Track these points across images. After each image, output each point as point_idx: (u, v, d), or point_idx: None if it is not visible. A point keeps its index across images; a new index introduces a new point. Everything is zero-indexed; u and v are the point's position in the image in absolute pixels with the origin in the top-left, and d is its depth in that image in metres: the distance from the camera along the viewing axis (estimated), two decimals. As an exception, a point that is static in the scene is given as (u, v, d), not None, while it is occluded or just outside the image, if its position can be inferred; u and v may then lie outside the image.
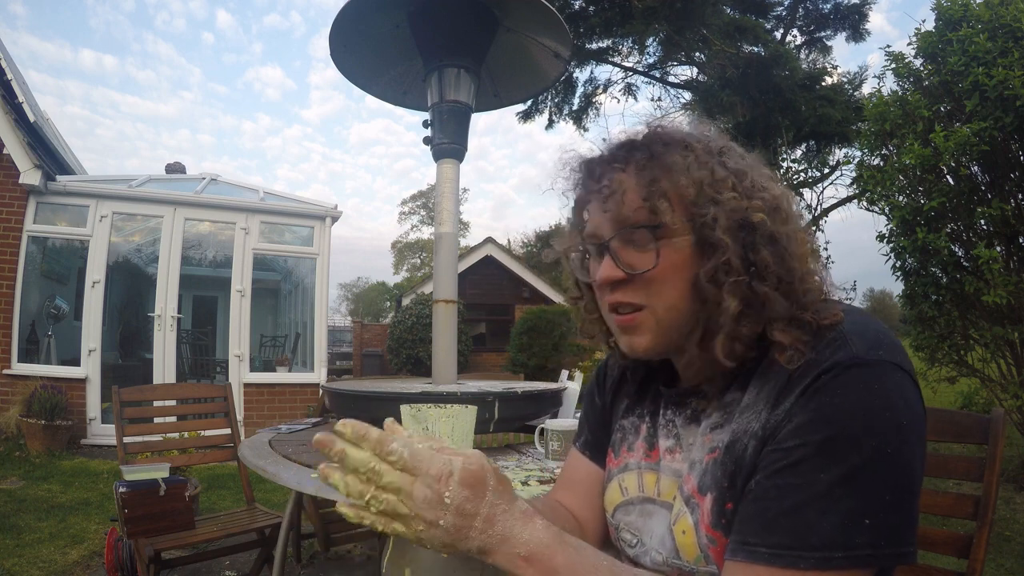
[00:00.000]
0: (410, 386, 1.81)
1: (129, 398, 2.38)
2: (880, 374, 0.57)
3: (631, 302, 0.66)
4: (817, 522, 0.54)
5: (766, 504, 0.57)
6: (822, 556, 0.53)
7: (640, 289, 0.66)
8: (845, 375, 0.57)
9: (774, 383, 0.61)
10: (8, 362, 5.33)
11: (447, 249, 1.99)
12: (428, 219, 35.04)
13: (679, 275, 0.65)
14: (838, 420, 0.55)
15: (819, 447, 0.55)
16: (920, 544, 1.11)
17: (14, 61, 6.39)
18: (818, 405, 0.56)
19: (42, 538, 2.94)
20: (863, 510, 0.53)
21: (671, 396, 0.76)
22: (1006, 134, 3.36)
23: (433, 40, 1.99)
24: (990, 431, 1.03)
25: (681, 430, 0.73)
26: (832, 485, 0.54)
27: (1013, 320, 3.45)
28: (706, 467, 0.65)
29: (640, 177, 0.65)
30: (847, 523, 0.53)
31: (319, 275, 6.53)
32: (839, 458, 0.54)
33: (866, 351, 0.58)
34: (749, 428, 0.62)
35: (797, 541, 0.54)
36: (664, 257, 0.64)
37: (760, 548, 0.55)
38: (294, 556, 2.65)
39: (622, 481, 0.79)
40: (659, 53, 9.13)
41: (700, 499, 0.65)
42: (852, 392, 0.56)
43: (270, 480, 1.35)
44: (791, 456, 0.56)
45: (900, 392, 0.57)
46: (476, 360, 12.28)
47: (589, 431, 0.89)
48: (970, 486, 2.95)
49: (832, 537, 0.53)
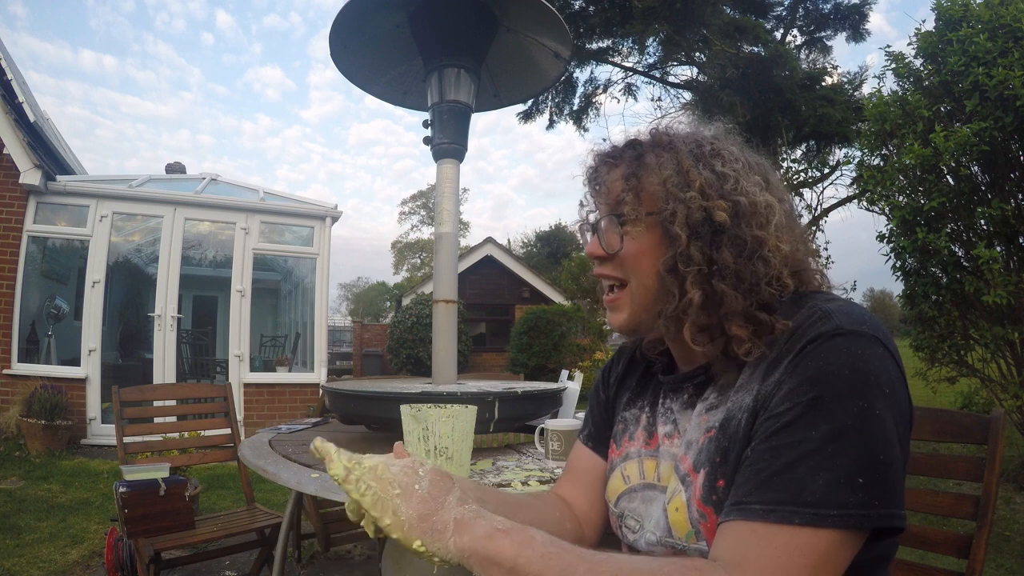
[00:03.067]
0: (410, 386, 1.81)
1: (129, 398, 2.38)
2: (864, 343, 0.59)
3: (612, 275, 0.76)
4: (811, 479, 0.54)
5: (760, 466, 0.58)
6: (816, 513, 0.53)
7: (619, 267, 0.75)
8: (829, 342, 0.59)
9: (764, 361, 0.64)
10: (8, 362, 5.33)
11: (447, 249, 1.99)
12: (428, 219, 35.05)
13: (646, 259, 0.72)
14: (824, 381, 0.57)
15: (808, 406, 0.57)
16: (920, 544, 1.11)
17: (14, 61, 6.39)
18: (804, 369, 0.59)
19: (42, 538, 2.94)
20: (856, 469, 0.54)
21: (668, 383, 0.79)
22: (1006, 134, 3.36)
23: (433, 40, 1.99)
24: (990, 431, 1.03)
25: (678, 415, 0.76)
26: (823, 442, 0.55)
27: (1013, 320, 3.45)
28: (702, 446, 0.68)
29: (624, 171, 0.75)
30: (841, 481, 0.54)
31: (319, 275, 6.53)
32: (829, 416, 0.56)
33: (850, 324, 0.60)
34: (743, 403, 0.64)
35: (791, 497, 0.54)
36: (628, 243, 0.73)
37: (754, 505, 0.56)
38: (294, 556, 2.64)
39: (624, 470, 0.82)
40: (659, 53, 9.14)
41: (694, 476, 0.67)
42: (837, 356, 0.58)
43: (270, 480, 1.35)
44: (782, 419, 0.58)
45: (883, 362, 0.59)
46: (476, 360, 12.28)
47: (592, 424, 0.93)
48: (970, 486, 2.95)
49: (826, 494, 0.54)
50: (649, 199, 0.72)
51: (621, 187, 0.73)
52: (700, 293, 0.66)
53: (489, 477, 1.29)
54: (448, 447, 1.20)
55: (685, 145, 0.73)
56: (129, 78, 65.64)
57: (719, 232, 0.67)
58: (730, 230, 0.67)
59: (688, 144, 0.73)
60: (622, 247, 0.73)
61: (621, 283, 0.75)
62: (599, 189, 0.77)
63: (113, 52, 65.63)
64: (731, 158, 0.72)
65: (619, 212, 0.73)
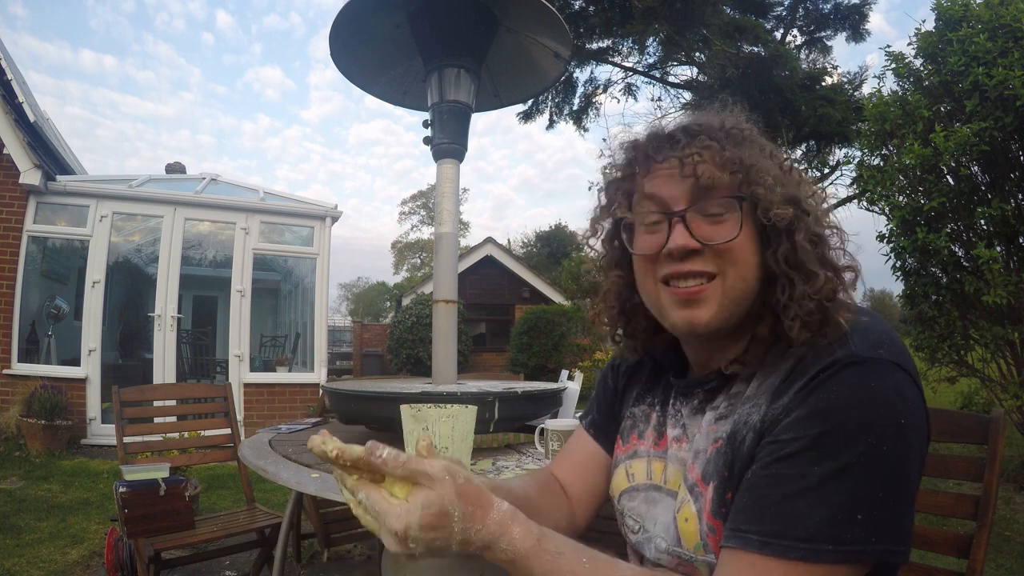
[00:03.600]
0: (410, 386, 1.81)
1: (129, 398, 2.38)
2: (879, 372, 0.58)
3: (704, 270, 0.66)
4: (807, 514, 0.54)
5: (760, 493, 0.58)
6: (811, 548, 0.53)
7: (711, 259, 0.66)
8: (843, 372, 0.58)
9: (775, 377, 0.63)
10: (8, 362, 5.33)
11: (447, 249, 1.99)
12: (428, 219, 35.04)
13: (750, 248, 0.66)
14: (834, 416, 0.56)
15: (814, 441, 0.56)
16: (920, 544, 1.11)
17: (14, 61, 6.39)
18: (815, 401, 0.57)
19: (42, 538, 2.94)
20: (854, 506, 0.54)
21: (680, 387, 0.77)
22: (1006, 134, 3.36)
23: (433, 40, 1.99)
24: (990, 431, 1.03)
25: (687, 420, 0.74)
26: (824, 479, 0.54)
27: (1013, 320, 3.45)
28: (710, 457, 0.67)
29: (728, 151, 0.66)
30: (838, 517, 0.54)
31: (319, 275, 6.53)
32: (833, 453, 0.55)
33: (865, 349, 0.59)
34: (749, 420, 0.63)
35: (787, 531, 0.55)
36: (744, 229, 0.65)
37: (752, 535, 0.56)
38: (294, 556, 2.64)
39: (629, 468, 0.80)
40: (659, 53, 9.14)
41: (704, 488, 0.66)
42: (849, 389, 0.57)
43: (270, 480, 1.35)
44: (786, 448, 0.57)
45: (898, 391, 0.57)
46: (476, 360, 12.28)
47: (598, 412, 0.91)
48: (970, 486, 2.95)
49: (821, 530, 0.54)
50: (761, 185, 0.66)
51: (732, 166, 0.66)
52: (806, 280, 0.64)
53: (489, 477, 1.29)
54: (448, 447, 1.20)
55: (758, 138, 0.70)
56: (129, 78, 65.69)
57: (800, 225, 0.65)
58: (809, 225, 0.66)
59: (759, 139, 0.71)
60: (739, 233, 0.65)
61: (709, 276, 0.66)
62: (682, 168, 0.67)
63: (113, 52, 65.68)
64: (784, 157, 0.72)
65: (744, 194, 0.65)
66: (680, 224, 0.66)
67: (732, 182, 0.66)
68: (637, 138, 0.73)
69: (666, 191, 0.68)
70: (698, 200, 0.66)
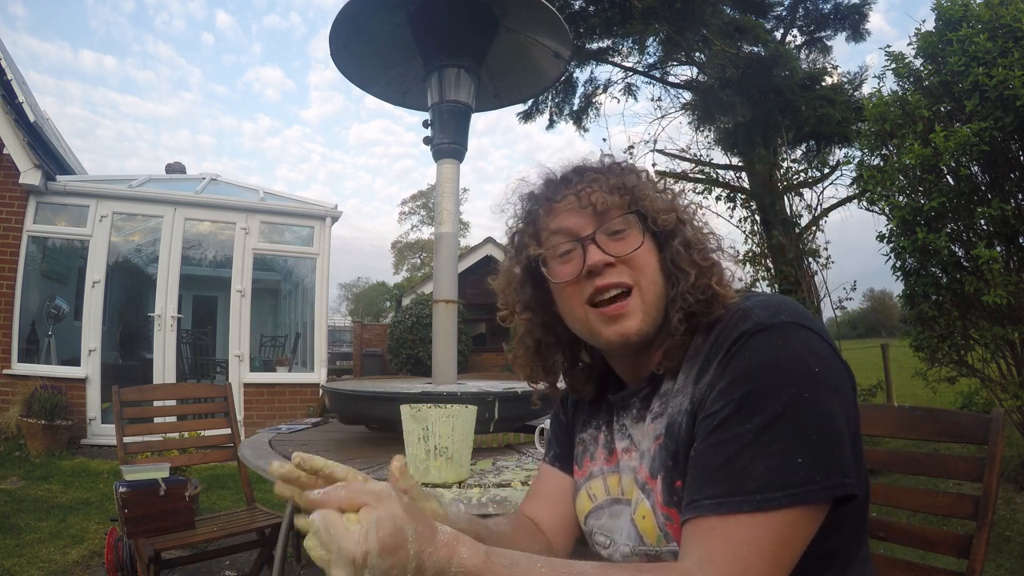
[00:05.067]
0: (410, 386, 1.81)
1: (129, 398, 2.38)
2: (784, 333, 0.64)
3: (621, 281, 0.74)
4: (752, 467, 0.58)
5: (704, 463, 0.62)
6: (763, 497, 0.57)
7: (624, 270, 0.75)
8: (753, 339, 0.64)
9: (696, 366, 0.70)
10: (8, 362, 5.33)
11: (447, 249, 1.99)
12: (428, 219, 35.03)
13: (652, 255, 0.76)
14: (752, 376, 0.62)
15: (740, 402, 0.61)
16: (920, 544, 1.11)
17: (14, 61, 6.39)
18: (733, 369, 0.63)
19: (42, 538, 2.94)
20: (792, 450, 0.58)
21: (618, 401, 0.83)
22: (1006, 134, 3.36)
23: (433, 40, 1.99)
24: (990, 431, 1.03)
25: (632, 430, 0.80)
26: (758, 432, 0.59)
27: (1013, 320, 3.45)
28: (654, 453, 0.72)
29: (612, 179, 0.78)
30: (780, 465, 0.58)
31: (319, 275, 6.53)
32: (760, 408, 0.60)
33: (768, 318, 0.65)
34: (682, 407, 0.69)
35: (736, 488, 0.58)
36: (645, 239, 0.76)
37: (705, 502, 0.60)
38: (294, 556, 2.64)
39: (589, 489, 0.85)
40: (659, 53, 9.12)
41: (652, 483, 0.71)
42: (760, 351, 0.63)
43: (270, 480, 1.35)
44: (718, 417, 0.62)
45: (806, 345, 0.63)
46: (476, 360, 12.27)
47: (558, 446, 0.95)
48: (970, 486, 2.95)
49: (768, 479, 0.57)
50: (642, 202, 0.77)
51: (621, 190, 0.77)
52: (695, 272, 0.73)
53: (489, 477, 1.29)
54: (448, 447, 1.20)
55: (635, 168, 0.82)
56: (129, 78, 65.77)
57: (680, 231, 0.77)
58: (684, 231, 0.77)
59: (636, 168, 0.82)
60: (643, 242, 0.75)
61: (626, 290, 0.74)
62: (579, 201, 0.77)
63: (113, 52, 65.73)
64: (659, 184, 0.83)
65: (637, 208, 0.76)
66: (592, 244, 0.75)
67: (623, 202, 0.76)
68: (532, 189, 0.83)
69: (571, 223, 0.77)
70: (601, 223, 0.76)
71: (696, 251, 0.75)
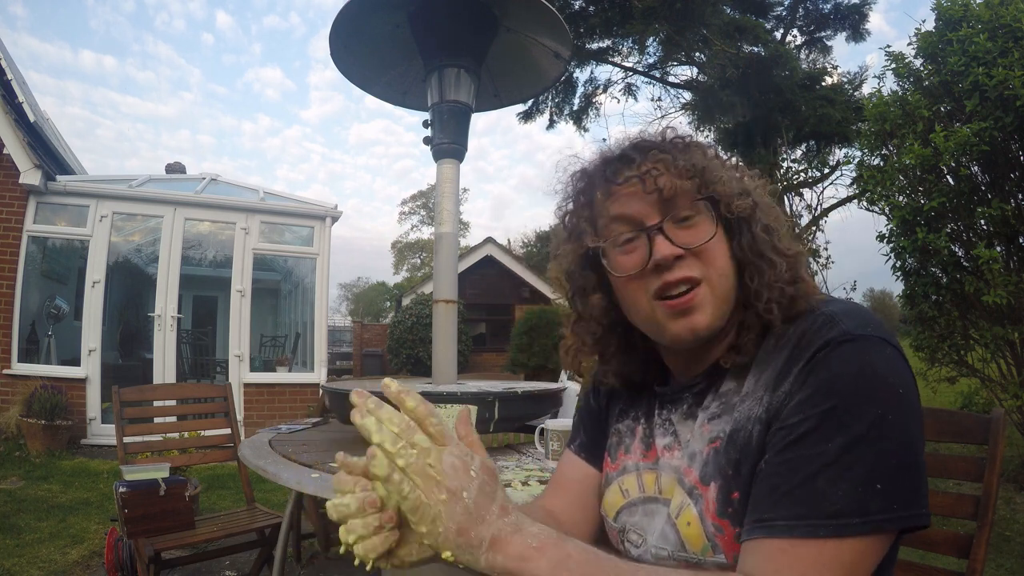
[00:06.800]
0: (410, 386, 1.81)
1: (129, 398, 2.38)
2: (872, 347, 0.59)
3: (691, 275, 0.67)
4: (830, 490, 0.54)
5: (777, 480, 0.57)
6: (839, 523, 0.53)
7: (694, 263, 0.68)
8: (839, 349, 0.59)
9: (771, 369, 0.64)
10: (8, 362, 5.33)
11: (447, 249, 1.99)
12: (428, 219, 35.02)
13: (722, 245, 0.69)
14: (837, 391, 0.57)
15: (822, 418, 0.57)
16: (920, 544, 1.11)
17: (14, 61, 6.39)
18: (816, 380, 0.59)
19: (42, 538, 2.94)
20: (873, 476, 0.54)
21: (666, 394, 0.78)
22: (1006, 134, 3.36)
23: (433, 40, 1.99)
24: (990, 431, 1.03)
25: (678, 427, 0.74)
26: (839, 453, 0.55)
27: (1013, 320, 3.45)
28: (707, 457, 0.66)
29: (680, 159, 0.69)
30: (859, 489, 0.54)
31: (319, 275, 6.53)
32: (843, 426, 0.56)
33: (856, 327, 0.61)
34: (752, 414, 0.63)
35: (812, 511, 0.54)
36: (717, 228, 0.68)
37: (776, 522, 0.56)
38: (294, 556, 2.64)
39: (622, 484, 0.79)
40: (659, 53, 9.12)
41: (703, 489, 0.66)
42: (848, 364, 0.58)
43: (270, 480, 1.35)
44: (796, 431, 0.58)
45: (892, 364, 0.59)
46: (476, 360, 12.27)
47: (585, 433, 0.90)
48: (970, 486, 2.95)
49: (846, 504, 0.54)
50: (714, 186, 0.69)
51: (691, 172, 0.69)
52: (783, 263, 0.67)
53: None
54: (448, 447, 1.20)
55: (700, 143, 0.73)
56: (129, 78, 65.63)
57: (756, 217, 0.70)
58: (759, 218, 0.70)
59: (701, 143, 0.74)
60: (716, 232, 0.68)
61: (694, 283, 0.67)
62: (643, 185, 0.69)
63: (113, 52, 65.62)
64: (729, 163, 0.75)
65: (711, 194, 0.68)
66: (660, 235, 0.68)
67: (692, 187, 0.69)
68: (586, 167, 0.76)
69: (635, 209, 0.70)
70: (668, 211, 0.68)
71: (778, 237, 0.69)
